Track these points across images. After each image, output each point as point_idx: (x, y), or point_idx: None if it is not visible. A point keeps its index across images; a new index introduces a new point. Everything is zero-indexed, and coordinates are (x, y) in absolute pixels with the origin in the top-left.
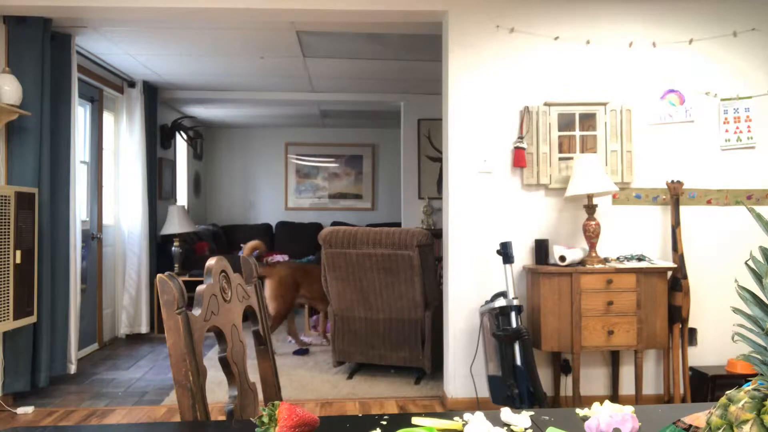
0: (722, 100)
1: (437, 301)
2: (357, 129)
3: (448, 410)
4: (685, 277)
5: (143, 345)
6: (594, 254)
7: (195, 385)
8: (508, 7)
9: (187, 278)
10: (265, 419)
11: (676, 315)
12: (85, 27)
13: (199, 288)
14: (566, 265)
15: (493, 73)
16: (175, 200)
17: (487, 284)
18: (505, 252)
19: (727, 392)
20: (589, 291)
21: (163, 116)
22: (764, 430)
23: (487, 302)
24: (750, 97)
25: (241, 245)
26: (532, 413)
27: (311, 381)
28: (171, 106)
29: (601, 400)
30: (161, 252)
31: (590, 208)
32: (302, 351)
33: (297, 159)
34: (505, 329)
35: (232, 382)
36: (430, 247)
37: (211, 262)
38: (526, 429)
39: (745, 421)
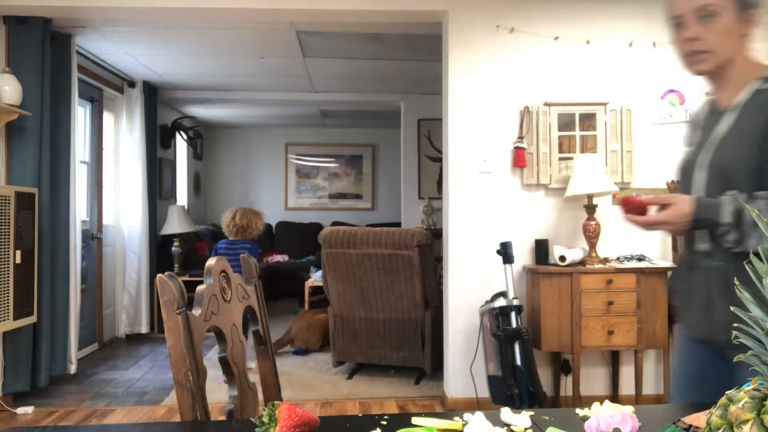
0: None
1: (437, 301)
2: (357, 129)
3: (448, 410)
4: None
5: (143, 345)
6: (594, 254)
7: (195, 385)
8: (508, 7)
9: (187, 278)
10: (265, 419)
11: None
12: (85, 27)
13: (199, 288)
14: (566, 265)
15: (493, 73)
16: (175, 200)
17: (487, 284)
18: (505, 252)
19: (727, 392)
20: (589, 291)
21: (163, 116)
22: (764, 430)
23: (487, 302)
24: None
25: None
26: (532, 413)
27: (311, 381)
28: (171, 106)
29: (601, 400)
30: (161, 252)
31: (590, 208)
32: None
33: (297, 159)
34: (505, 329)
35: (232, 382)
36: (430, 247)
37: (211, 262)
38: (526, 429)
39: (745, 421)
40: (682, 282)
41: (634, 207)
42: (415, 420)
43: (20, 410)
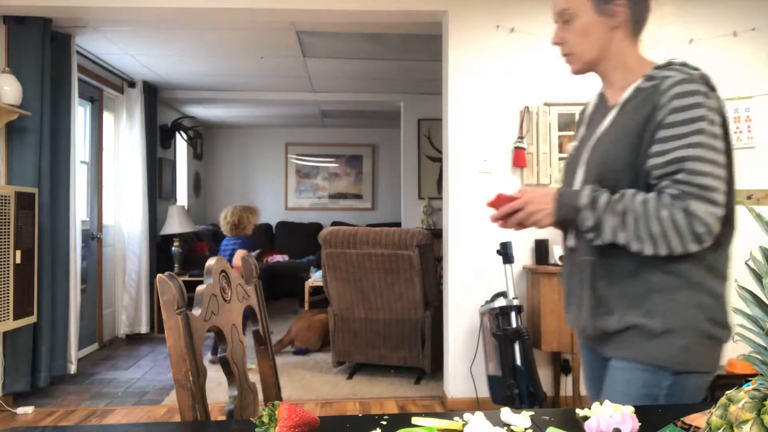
0: None
1: (437, 301)
2: (357, 129)
3: (448, 410)
4: None
5: (143, 345)
6: None
7: (195, 385)
8: (508, 7)
9: (187, 278)
10: (265, 419)
11: None
12: (85, 27)
13: (199, 288)
14: None
15: (493, 73)
16: (175, 200)
17: (487, 284)
18: (505, 252)
19: (727, 392)
20: None
21: (163, 116)
22: (764, 430)
23: (487, 302)
24: (750, 97)
25: None
26: (532, 413)
27: (311, 381)
28: (171, 106)
29: (600, 400)
30: (161, 252)
31: None
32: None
33: (297, 159)
34: (505, 329)
35: (232, 382)
36: (430, 247)
37: (211, 262)
38: (526, 429)
39: (745, 421)
40: (564, 280)
41: (503, 203)
42: (415, 420)
43: (20, 410)
